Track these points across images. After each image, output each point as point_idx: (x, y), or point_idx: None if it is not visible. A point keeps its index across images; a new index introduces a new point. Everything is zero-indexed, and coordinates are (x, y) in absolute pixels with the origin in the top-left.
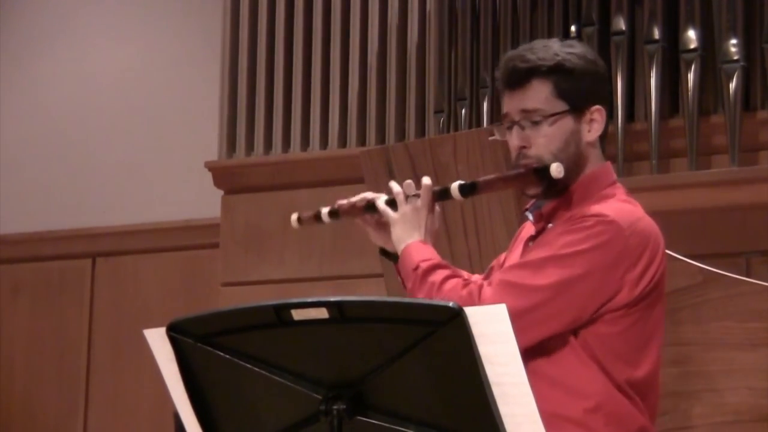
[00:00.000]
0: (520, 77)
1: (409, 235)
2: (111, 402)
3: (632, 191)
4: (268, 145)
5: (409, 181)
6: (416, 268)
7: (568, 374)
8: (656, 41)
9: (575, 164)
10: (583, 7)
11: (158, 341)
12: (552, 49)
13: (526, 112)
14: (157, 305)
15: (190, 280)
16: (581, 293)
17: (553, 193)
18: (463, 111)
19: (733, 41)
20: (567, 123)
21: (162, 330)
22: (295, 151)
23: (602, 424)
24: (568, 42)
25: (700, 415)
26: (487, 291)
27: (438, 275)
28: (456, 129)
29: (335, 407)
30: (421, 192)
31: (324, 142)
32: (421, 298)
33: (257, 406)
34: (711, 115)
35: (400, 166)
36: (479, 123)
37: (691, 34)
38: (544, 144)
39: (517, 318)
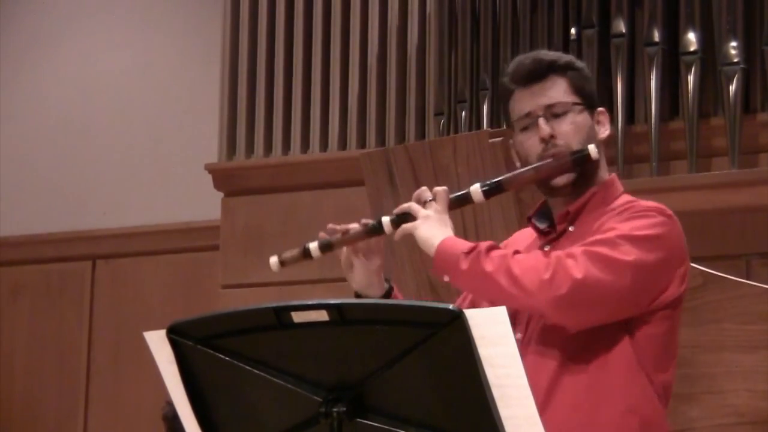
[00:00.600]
0: (540, 72)
1: (441, 232)
2: (111, 404)
3: (632, 193)
4: (268, 147)
5: (423, 187)
6: (474, 247)
7: (612, 378)
8: (656, 43)
9: (598, 160)
10: (583, 9)
11: (158, 343)
12: (559, 53)
13: (550, 105)
14: (157, 307)
15: (191, 282)
16: (652, 274)
17: (584, 184)
18: (463, 113)
19: (733, 43)
20: (585, 117)
21: (162, 332)
22: (295, 153)
23: (637, 426)
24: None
25: (700, 417)
26: (571, 261)
27: (505, 250)
28: (456, 131)
29: (335, 409)
30: (437, 197)
31: (324, 144)
32: (422, 301)
33: (257, 409)
34: (711, 118)
35: (400, 168)
36: (479, 125)
37: (691, 36)
38: (571, 133)
39: (600, 287)
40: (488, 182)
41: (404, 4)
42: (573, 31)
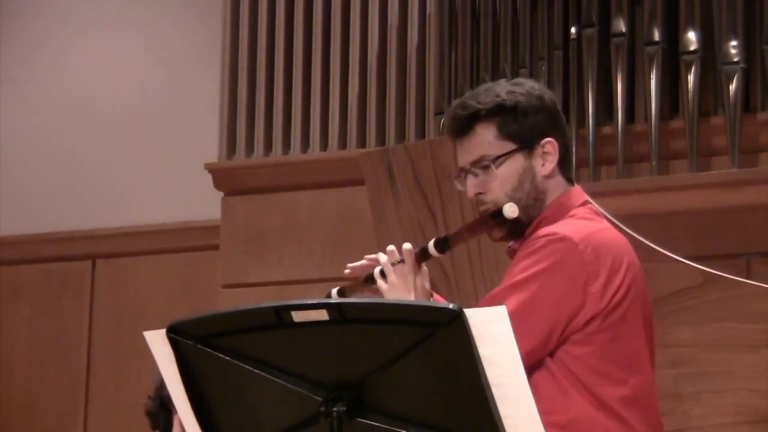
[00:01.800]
0: (462, 125)
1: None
2: (111, 403)
3: (632, 193)
4: (268, 146)
5: (391, 247)
6: None
7: (542, 398)
8: (656, 43)
9: (534, 199)
10: (583, 8)
11: (158, 343)
12: (494, 91)
13: (475, 162)
14: (157, 307)
15: (190, 281)
16: (543, 313)
17: (519, 233)
18: None
19: (733, 43)
20: (517, 162)
21: (162, 332)
22: (295, 152)
23: None
24: (516, 80)
25: (700, 416)
26: None
27: None
28: None
29: (335, 409)
30: (404, 257)
31: (324, 144)
32: (422, 300)
33: (257, 408)
34: (711, 117)
35: (401, 167)
36: None
37: (691, 35)
38: (498, 187)
39: None
40: (438, 239)
41: (404, 4)
42: (573, 30)
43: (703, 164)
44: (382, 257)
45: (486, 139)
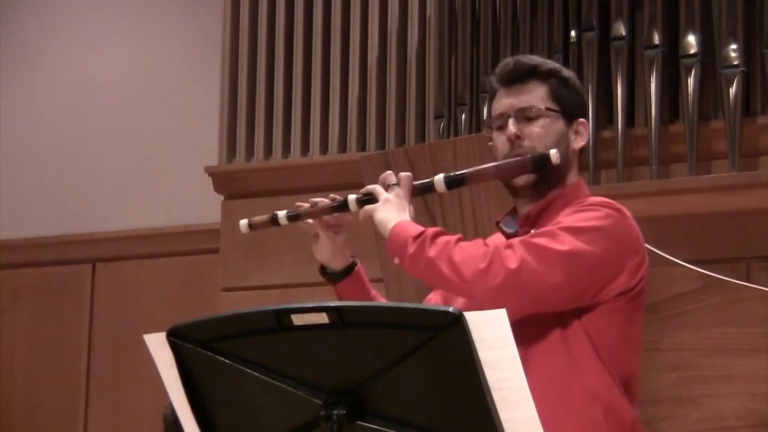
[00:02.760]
0: (520, 75)
1: (398, 215)
2: (111, 407)
3: (632, 196)
4: (268, 150)
5: (388, 171)
6: (421, 233)
7: (573, 369)
8: (656, 46)
9: (563, 165)
10: (583, 12)
11: (158, 346)
12: (548, 60)
13: (523, 108)
14: (158, 310)
15: (191, 285)
16: (591, 265)
17: (543, 186)
18: (464, 116)
19: (733, 46)
20: (559, 125)
21: (162, 335)
22: (295, 156)
23: (601, 415)
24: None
25: (700, 420)
26: (509, 251)
27: (450, 236)
28: (456, 134)
29: (335, 412)
30: (401, 182)
31: (324, 148)
32: (422, 303)
33: (257, 412)
34: (711, 121)
35: (401, 171)
36: (479, 128)
37: (691, 39)
38: (539, 136)
39: (534, 277)
40: (452, 174)
41: (404, 7)
42: (573, 33)
43: (703, 168)
44: (369, 186)
45: (538, 94)
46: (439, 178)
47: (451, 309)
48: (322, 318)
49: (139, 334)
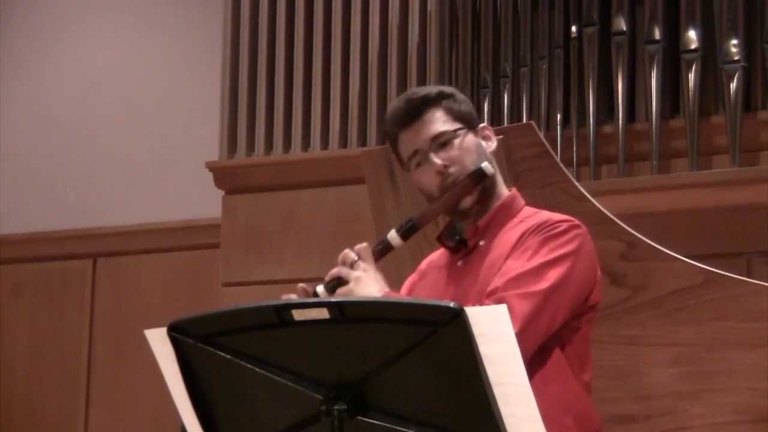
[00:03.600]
0: (415, 111)
1: (375, 289)
2: (112, 402)
3: (633, 191)
4: (269, 145)
5: (345, 251)
6: None
7: (547, 380)
8: (657, 41)
9: (494, 172)
10: (583, 7)
11: (159, 341)
12: (431, 86)
13: (434, 138)
14: (158, 305)
15: (191, 280)
16: (575, 289)
17: (486, 198)
18: None
19: (734, 41)
20: (470, 138)
21: (163, 330)
22: (296, 151)
23: (573, 424)
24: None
25: (701, 415)
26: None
27: None
28: None
29: (336, 407)
30: (361, 255)
31: (325, 143)
32: (423, 299)
33: (258, 407)
34: (712, 116)
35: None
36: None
37: (692, 34)
38: (461, 157)
39: (536, 326)
40: (402, 225)
41: (405, 2)
42: (574, 29)
43: (704, 163)
44: (334, 271)
45: (439, 118)
46: (393, 234)
47: (451, 304)
48: (323, 313)
49: (139, 329)
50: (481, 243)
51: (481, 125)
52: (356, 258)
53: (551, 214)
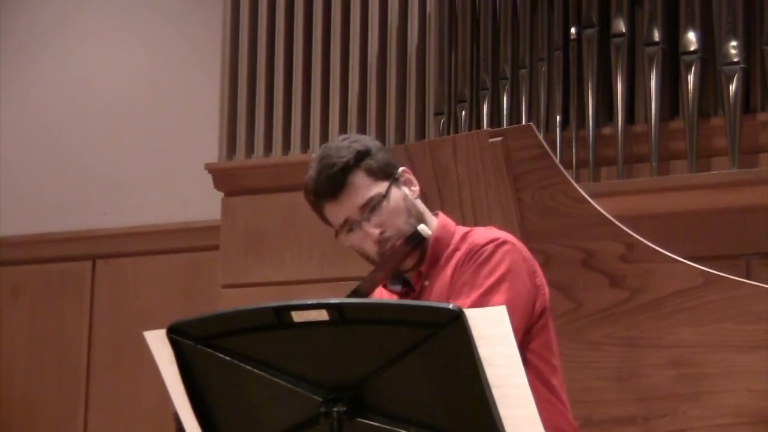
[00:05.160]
0: (337, 181)
1: None
2: (111, 404)
3: (632, 193)
4: (268, 147)
5: None
6: None
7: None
8: (656, 43)
9: (420, 221)
10: (583, 8)
11: (158, 343)
12: (338, 148)
13: (363, 206)
14: (158, 307)
15: (191, 282)
16: (522, 307)
17: (424, 254)
18: (463, 113)
19: (733, 43)
20: (396, 193)
21: (162, 332)
22: (296, 153)
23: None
24: (344, 136)
25: (700, 417)
26: None
27: None
28: (456, 131)
29: (335, 409)
30: None
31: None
32: (422, 301)
33: (257, 408)
34: (711, 117)
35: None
36: (479, 125)
37: (691, 36)
38: (395, 218)
39: None
40: (349, 296)
41: (404, 4)
42: (573, 30)
43: (703, 165)
44: None
45: (363, 183)
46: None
47: (451, 306)
48: (323, 315)
49: (139, 331)
50: (426, 283)
51: (400, 170)
52: None
53: (476, 237)
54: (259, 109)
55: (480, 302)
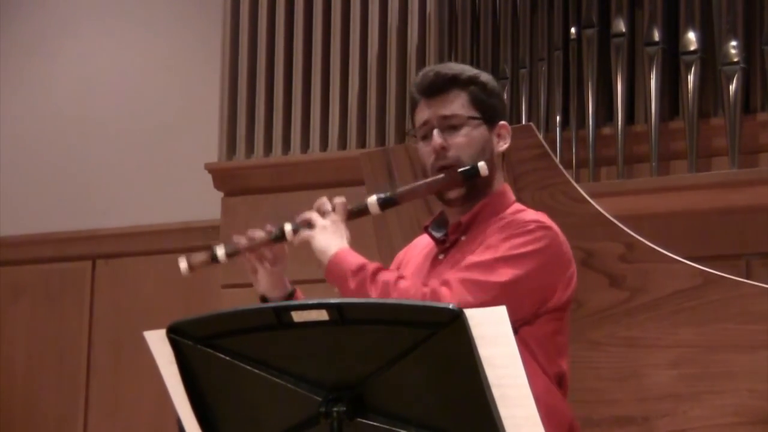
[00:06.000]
0: (440, 85)
1: (335, 243)
2: (111, 404)
3: (632, 193)
4: (268, 147)
5: (323, 198)
6: (362, 267)
7: None
8: (656, 43)
9: (490, 172)
10: (583, 8)
11: (158, 343)
12: (467, 67)
13: (446, 117)
14: (157, 307)
15: (191, 281)
16: (528, 291)
17: (473, 197)
18: None
19: (733, 43)
20: (482, 131)
21: (162, 332)
22: (295, 153)
23: (543, 416)
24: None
25: (700, 417)
26: (445, 290)
27: (390, 275)
28: None
29: (335, 409)
30: (336, 208)
31: (324, 144)
32: (416, 300)
33: (257, 408)
34: (711, 117)
35: (400, 167)
36: None
37: (691, 36)
38: (464, 145)
39: (465, 306)
40: (383, 195)
41: (404, 4)
42: (573, 30)
43: (703, 165)
44: (304, 214)
45: (459, 102)
46: (372, 199)
47: (451, 306)
48: (322, 315)
49: (139, 331)
50: (463, 239)
51: (501, 123)
52: (330, 209)
53: (527, 213)
54: (259, 109)
55: (492, 264)
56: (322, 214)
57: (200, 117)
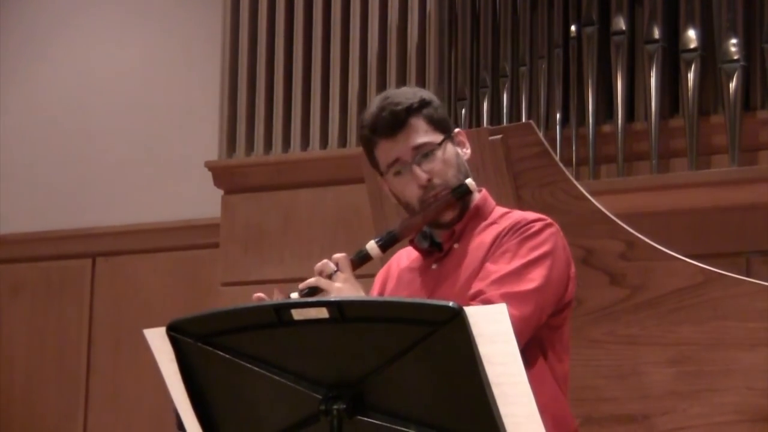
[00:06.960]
0: (399, 121)
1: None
2: (111, 402)
3: (632, 191)
4: (268, 144)
5: (322, 261)
6: None
7: (530, 376)
8: (656, 41)
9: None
10: (583, 6)
11: (158, 341)
12: (406, 91)
13: (417, 148)
14: (157, 305)
15: (190, 279)
16: (554, 289)
17: (465, 210)
18: (463, 111)
19: (733, 41)
20: (450, 148)
21: (162, 330)
22: (295, 150)
23: (551, 425)
24: (405, 87)
25: (700, 414)
26: None
27: None
28: None
29: (335, 407)
30: (339, 265)
31: (324, 142)
32: (422, 299)
33: (257, 406)
34: (711, 115)
35: None
36: (479, 123)
37: (691, 33)
38: (444, 169)
39: (525, 322)
40: (381, 237)
41: (404, 2)
42: (573, 28)
43: (703, 163)
44: (308, 281)
45: (421, 129)
46: (372, 245)
47: (451, 304)
48: (322, 313)
49: (138, 329)
50: (456, 246)
51: (456, 131)
52: (335, 269)
53: (524, 214)
54: (259, 107)
55: (520, 272)
56: (329, 276)
57: (200, 114)
